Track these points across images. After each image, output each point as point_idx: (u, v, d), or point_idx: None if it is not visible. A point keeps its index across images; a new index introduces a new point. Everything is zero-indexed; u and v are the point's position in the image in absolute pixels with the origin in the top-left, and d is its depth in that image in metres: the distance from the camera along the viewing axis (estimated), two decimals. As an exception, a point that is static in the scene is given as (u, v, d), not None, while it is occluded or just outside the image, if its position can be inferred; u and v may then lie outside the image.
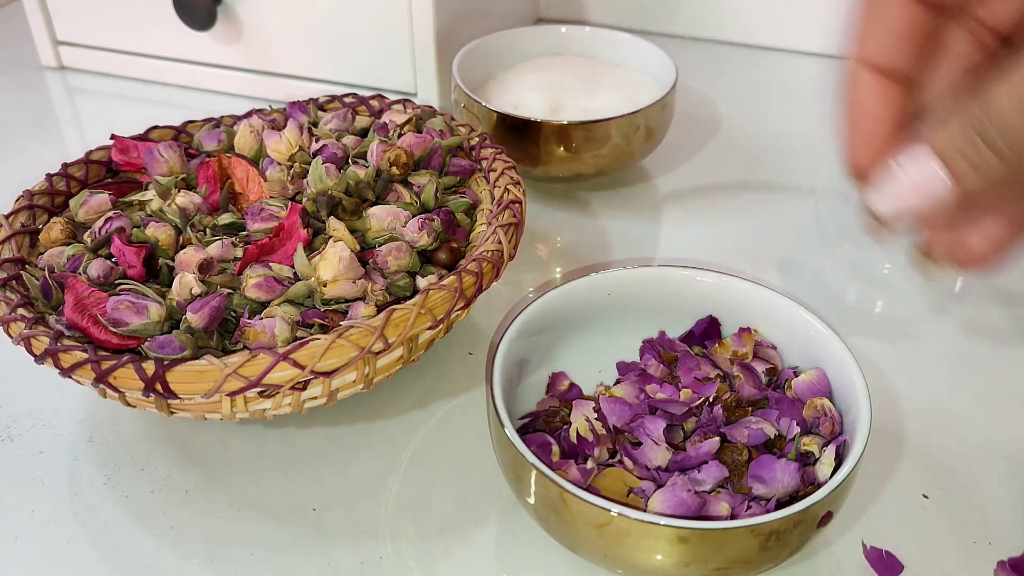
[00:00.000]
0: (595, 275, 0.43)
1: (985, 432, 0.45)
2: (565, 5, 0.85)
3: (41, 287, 0.42)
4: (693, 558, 0.33)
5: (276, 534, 0.40)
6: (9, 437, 0.45)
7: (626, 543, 0.33)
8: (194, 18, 0.69)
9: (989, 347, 0.50)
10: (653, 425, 0.39)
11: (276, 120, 0.53)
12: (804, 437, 0.38)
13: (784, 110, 0.72)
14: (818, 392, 0.39)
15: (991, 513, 0.41)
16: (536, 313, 0.41)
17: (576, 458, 0.39)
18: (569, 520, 0.34)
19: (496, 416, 0.36)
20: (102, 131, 0.68)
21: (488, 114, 0.58)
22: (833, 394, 0.39)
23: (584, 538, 0.34)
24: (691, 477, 0.37)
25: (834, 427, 0.38)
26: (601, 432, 0.40)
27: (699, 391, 0.41)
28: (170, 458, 0.44)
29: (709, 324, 0.44)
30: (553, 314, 0.42)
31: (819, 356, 0.40)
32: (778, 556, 0.34)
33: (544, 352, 0.43)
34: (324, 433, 0.45)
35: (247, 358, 0.37)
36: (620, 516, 0.32)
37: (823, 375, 0.40)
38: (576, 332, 0.44)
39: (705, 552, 0.33)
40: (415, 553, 0.39)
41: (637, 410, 0.40)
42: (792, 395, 0.40)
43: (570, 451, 0.39)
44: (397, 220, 0.45)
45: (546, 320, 0.42)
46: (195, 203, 0.46)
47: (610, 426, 0.40)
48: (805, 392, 0.40)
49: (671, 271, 0.44)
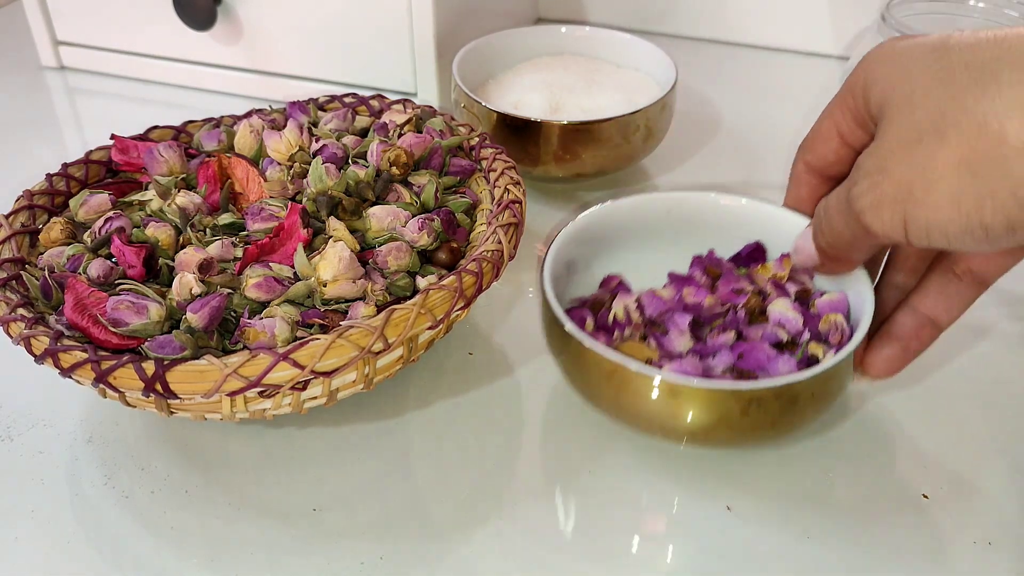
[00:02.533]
0: (657, 193, 0.48)
1: (985, 432, 0.45)
2: (565, 5, 0.85)
3: (41, 287, 0.42)
4: (683, 411, 0.38)
5: (276, 534, 0.40)
6: (9, 437, 0.45)
7: (629, 390, 0.38)
8: (194, 18, 0.69)
9: (989, 347, 0.50)
10: (681, 318, 0.44)
11: (276, 120, 0.53)
12: (812, 342, 0.42)
13: (784, 110, 0.72)
14: (835, 309, 0.43)
15: (991, 513, 0.41)
16: (598, 219, 0.47)
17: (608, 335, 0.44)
18: (586, 370, 0.40)
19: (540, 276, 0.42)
20: (102, 131, 0.69)
21: (488, 114, 0.58)
22: (850, 313, 0.43)
23: (598, 387, 0.40)
24: (704, 363, 0.42)
25: (842, 338, 0.42)
26: (636, 319, 0.44)
27: (732, 300, 0.45)
28: (170, 458, 0.44)
29: (755, 248, 0.47)
30: (616, 224, 0.48)
31: (844, 282, 0.44)
32: (760, 426, 0.38)
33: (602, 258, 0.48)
34: (324, 433, 0.45)
35: (247, 358, 0.37)
36: (623, 367, 0.38)
37: (844, 297, 0.43)
38: (634, 244, 0.48)
39: (693, 407, 0.38)
40: (415, 553, 0.39)
41: (672, 306, 0.45)
42: (814, 311, 0.44)
43: (604, 329, 0.44)
44: (397, 220, 0.45)
45: (607, 228, 0.47)
46: (195, 203, 0.46)
47: (645, 316, 0.44)
48: (825, 308, 0.44)
49: (727, 198, 0.48)
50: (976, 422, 0.45)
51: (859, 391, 0.47)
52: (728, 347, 0.42)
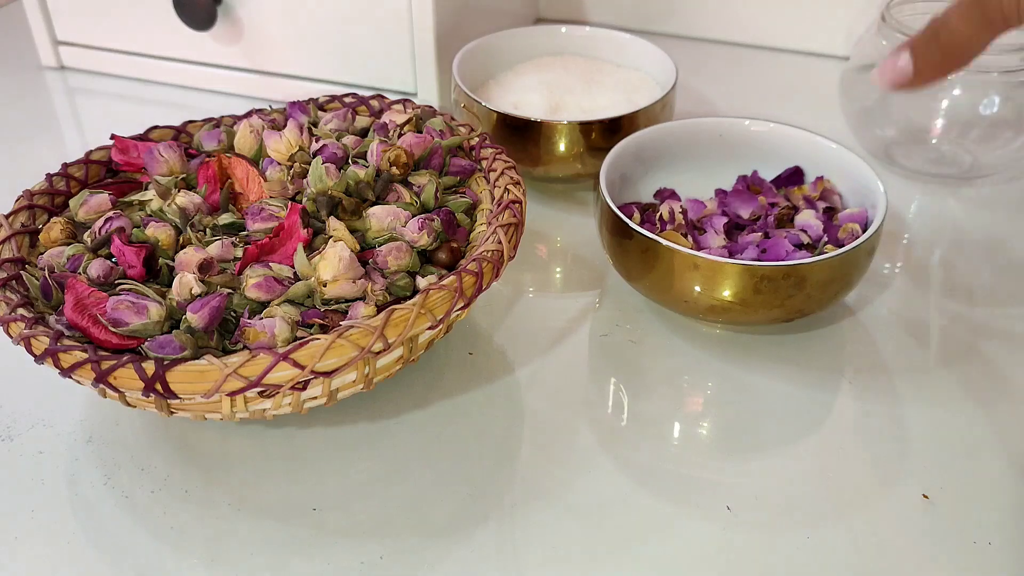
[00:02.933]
0: (711, 118, 0.57)
1: (985, 432, 0.45)
2: (565, 5, 0.85)
3: (41, 287, 0.42)
4: (703, 284, 0.46)
5: (276, 534, 0.40)
6: (9, 437, 0.45)
7: (661, 266, 0.46)
8: (194, 18, 0.69)
9: (989, 346, 0.50)
10: (718, 221, 0.52)
11: (276, 120, 0.53)
12: (829, 246, 0.49)
13: (784, 110, 0.72)
14: (855, 220, 0.50)
15: (991, 513, 0.41)
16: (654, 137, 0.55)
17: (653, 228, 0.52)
18: (628, 248, 0.48)
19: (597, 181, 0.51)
20: (102, 131, 0.69)
21: (488, 114, 0.58)
22: (868, 225, 0.49)
23: (636, 264, 0.48)
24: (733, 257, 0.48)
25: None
26: (679, 220, 0.52)
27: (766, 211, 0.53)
28: (170, 458, 0.44)
29: (794, 172, 0.55)
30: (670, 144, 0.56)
31: (866, 198, 0.51)
32: (770, 304, 0.46)
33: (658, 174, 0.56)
34: (324, 433, 0.45)
35: (247, 358, 0.37)
36: (656, 243, 0.46)
37: (864, 211, 0.51)
38: (686, 165, 0.56)
39: (712, 280, 0.45)
40: (415, 553, 0.39)
41: (712, 213, 0.53)
42: (836, 222, 0.51)
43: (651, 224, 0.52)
44: (397, 220, 0.45)
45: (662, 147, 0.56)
46: (195, 203, 0.46)
47: (688, 218, 0.52)
48: (845, 219, 0.51)
49: (773, 126, 0.56)
50: (976, 422, 0.45)
51: (860, 391, 0.47)
52: (755, 244, 0.49)
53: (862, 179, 0.52)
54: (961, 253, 0.57)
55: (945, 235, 0.58)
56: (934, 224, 0.59)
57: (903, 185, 0.63)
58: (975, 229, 0.59)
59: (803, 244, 0.50)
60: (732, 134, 0.56)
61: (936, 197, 0.62)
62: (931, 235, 0.58)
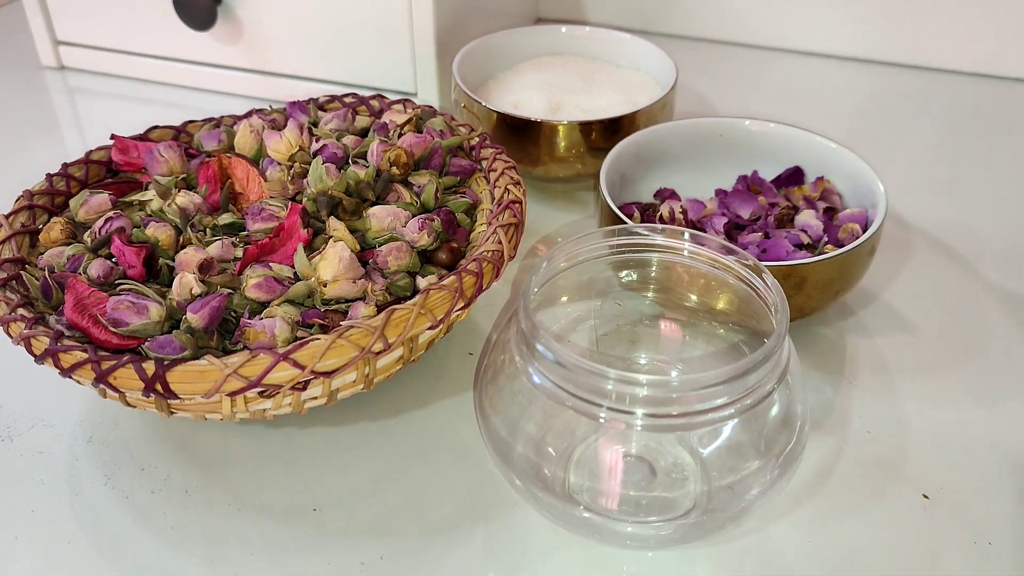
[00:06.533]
0: (711, 118, 0.57)
1: (985, 432, 0.45)
2: (565, 5, 0.85)
3: (41, 287, 0.42)
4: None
5: (276, 534, 0.40)
6: (9, 437, 0.45)
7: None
8: (194, 18, 0.69)
9: (990, 347, 0.50)
10: (718, 220, 0.52)
11: (276, 120, 0.53)
12: (830, 246, 0.49)
13: (784, 110, 0.72)
14: (855, 220, 0.50)
15: (991, 513, 0.41)
16: (653, 138, 0.55)
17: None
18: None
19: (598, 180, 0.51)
20: (102, 131, 0.69)
21: (488, 114, 0.58)
22: (868, 225, 0.49)
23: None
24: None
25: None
26: (679, 219, 0.52)
27: (766, 210, 0.53)
28: (170, 458, 0.44)
29: (794, 172, 0.55)
30: (670, 144, 0.56)
31: (866, 198, 0.51)
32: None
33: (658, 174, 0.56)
34: (324, 433, 0.45)
35: (247, 358, 0.37)
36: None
37: (864, 211, 0.51)
38: (687, 165, 0.56)
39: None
40: (415, 553, 0.39)
41: (712, 213, 0.53)
42: (836, 223, 0.51)
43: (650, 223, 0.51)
44: (397, 220, 0.45)
45: (662, 148, 0.56)
46: (195, 203, 0.46)
47: (688, 218, 0.52)
48: (845, 219, 0.51)
49: (773, 126, 0.56)
50: (976, 422, 0.45)
51: (860, 390, 0.47)
52: (755, 245, 0.50)
53: (862, 179, 0.52)
54: (961, 253, 0.57)
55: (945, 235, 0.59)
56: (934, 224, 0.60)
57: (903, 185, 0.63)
58: (975, 229, 0.59)
59: (803, 244, 0.50)
60: (732, 134, 0.56)
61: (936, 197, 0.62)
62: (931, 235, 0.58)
